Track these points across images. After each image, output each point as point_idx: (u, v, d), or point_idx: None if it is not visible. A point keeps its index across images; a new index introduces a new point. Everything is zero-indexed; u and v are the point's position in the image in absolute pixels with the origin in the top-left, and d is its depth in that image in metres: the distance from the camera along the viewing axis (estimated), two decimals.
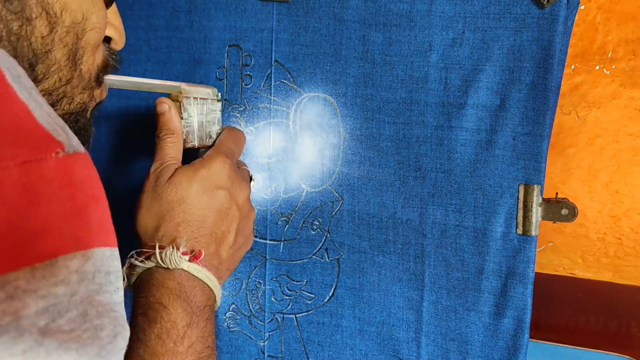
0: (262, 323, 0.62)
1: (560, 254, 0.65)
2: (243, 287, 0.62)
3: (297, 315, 0.61)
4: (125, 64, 0.47)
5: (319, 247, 0.59)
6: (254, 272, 0.61)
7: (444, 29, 0.53)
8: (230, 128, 0.54)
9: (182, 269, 0.42)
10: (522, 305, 0.53)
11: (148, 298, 0.41)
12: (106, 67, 0.43)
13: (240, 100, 0.60)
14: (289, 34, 0.57)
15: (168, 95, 0.49)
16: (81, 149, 0.27)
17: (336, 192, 0.58)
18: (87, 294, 0.25)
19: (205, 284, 0.44)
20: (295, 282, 0.60)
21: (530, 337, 0.54)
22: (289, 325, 0.61)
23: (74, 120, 0.40)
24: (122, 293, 0.28)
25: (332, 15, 0.56)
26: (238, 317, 0.62)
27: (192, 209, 0.44)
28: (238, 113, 0.60)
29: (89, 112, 0.43)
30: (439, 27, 0.53)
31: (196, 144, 0.50)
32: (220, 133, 0.53)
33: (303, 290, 0.60)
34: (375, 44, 0.55)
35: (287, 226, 0.60)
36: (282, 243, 0.60)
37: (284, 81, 0.58)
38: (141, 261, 0.43)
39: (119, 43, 0.45)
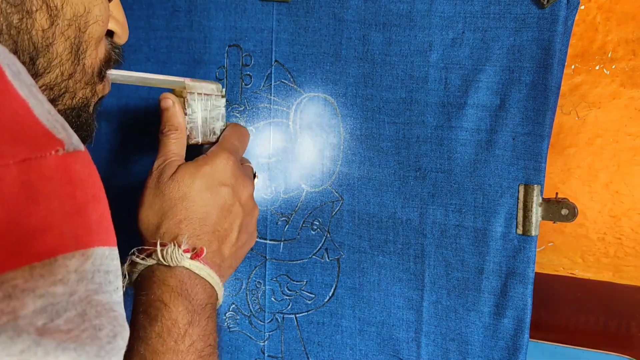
0: (262, 323, 0.62)
1: (560, 254, 0.65)
2: (243, 287, 0.62)
3: (297, 315, 0.61)
4: (125, 64, 0.46)
5: (319, 247, 0.59)
6: (254, 272, 0.61)
7: (444, 29, 0.53)
8: (235, 124, 0.53)
9: (184, 267, 0.42)
10: (522, 305, 0.53)
11: (149, 296, 0.41)
12: (109, 62, 0.43)
13: (240, 100, 0.60)
14: (289, 34, 0.57)
15: (172, 91, 0.48)
16: (81, 147, 0.27)
17: (336, 192, 0.58)
18: (86, 293, 0.25)
19: (207, 281, 0.43)
20: (295, 282, 0.60)
21: (530, 337, 0.53)
22: (289, 325, 0.61)
23: (76, 115, 0.40)
24: (121, 293, 0.28)
25: (332, 15, 0.56)
26: (238, 317, 0.62)
27: (195, 206, 0.44)
28: (238, 113, 0.60)
29: (91, 107, 0.42)
30: (439, 27, 0.53)
31: (200, 140, 0.50)
32: (224, 129, 0.52)
33: (303, 290, 0.60)
34: (375, 44, 0.55)
35: (287, 226, 0.60)
36: (282, 243, 0.60)
37: (284, 81, 0.58)
38: (142, 258, 0.42)
39: (122, 37, 0.44)
